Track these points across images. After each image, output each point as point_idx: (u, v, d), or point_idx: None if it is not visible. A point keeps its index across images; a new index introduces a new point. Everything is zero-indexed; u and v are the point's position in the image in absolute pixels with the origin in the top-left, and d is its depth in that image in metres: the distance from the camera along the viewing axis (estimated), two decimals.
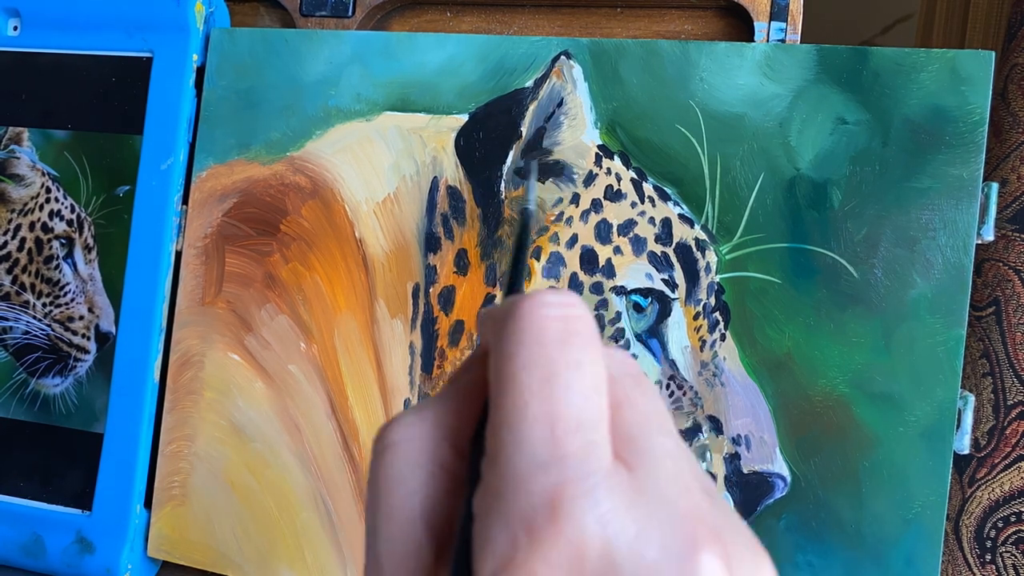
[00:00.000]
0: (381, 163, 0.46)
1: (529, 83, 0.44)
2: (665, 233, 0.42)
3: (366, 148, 0.46)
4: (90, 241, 0.49)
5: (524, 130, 0.44)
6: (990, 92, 0.39)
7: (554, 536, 0.16)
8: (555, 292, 0.19)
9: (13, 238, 0.50)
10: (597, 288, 0.42)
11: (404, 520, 0.18)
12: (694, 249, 0.42)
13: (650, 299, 0.42)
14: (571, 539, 0.16)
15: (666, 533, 0.16)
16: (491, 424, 0.18)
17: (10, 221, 0.50)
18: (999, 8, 0.64)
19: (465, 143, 0.45)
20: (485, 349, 0.20)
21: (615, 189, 0.43)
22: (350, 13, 0.50)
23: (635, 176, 0.43)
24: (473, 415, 0.20)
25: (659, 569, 0.16)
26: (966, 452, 0.38)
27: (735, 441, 0.40)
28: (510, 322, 0.18)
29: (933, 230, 0.39)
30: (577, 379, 0.17)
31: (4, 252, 0.50)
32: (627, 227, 0.42)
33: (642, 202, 0.42)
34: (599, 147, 0.43)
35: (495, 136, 0.44)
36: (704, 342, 0.41)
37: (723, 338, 0.41)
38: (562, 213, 0.43)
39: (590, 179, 0.43)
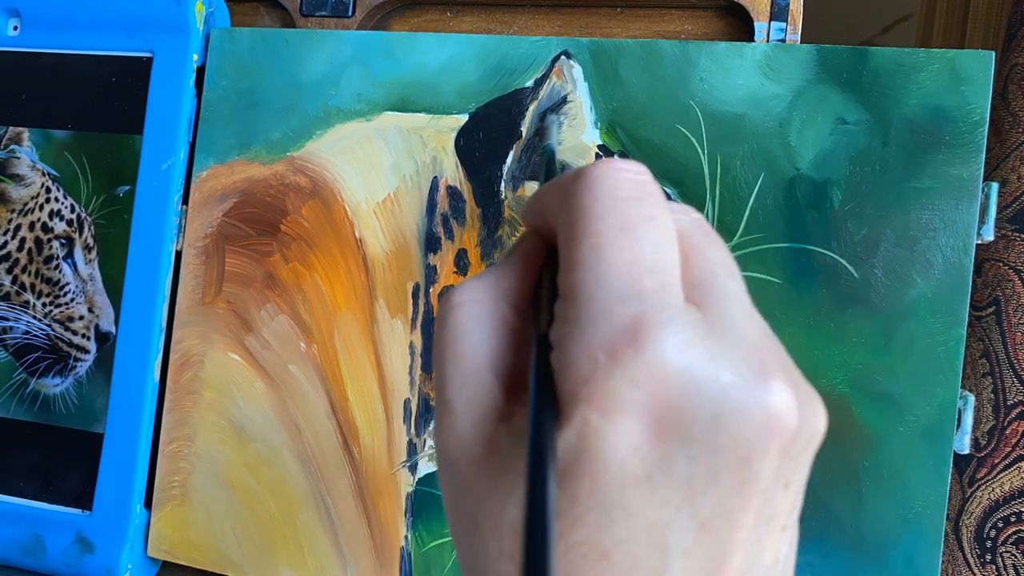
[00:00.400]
0: (381, 163, 0.46)
1: (529, 83, 0.44)
2: None
3: (366, 148, 0.46)
4: (90, 241, 0.49)
5: (524, 130, 0.44)
6: (990, 92, 0.39)
7: (634, 356, 0.17)
8: (620, 159, 0.20)
9: (13, 238, 0.50)
10: None
11: (473, 367, 0.20)
12: None
13: None
14: (650, 360, 0.17)
15: (738, 360, 0.17)
16: (566, 268, 0.19)
17: (10, 221, 0.50)
18: (999, 8, 0.64)
19: (465, 143, 0.45)
20: (534, 227, 0.22)
21: None
22: (350, 13, 0.50)
23: None
24: (528, 279, 0.21)
25: (732, 390, 0.17)
26: (966, 452, 0.38)
27: None
28: (584, 181, 0.19)
29: (933, 230, 0.39)
30: (651, 229, 0.18)
31: (4, 252, 0.50)
32: None
33: None
34: (599, 147, 0.43)
35: (495, 136, 0.44)
36: None
37: None
38: None
39: None
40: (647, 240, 0.18)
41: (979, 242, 0.39)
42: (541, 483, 0.16)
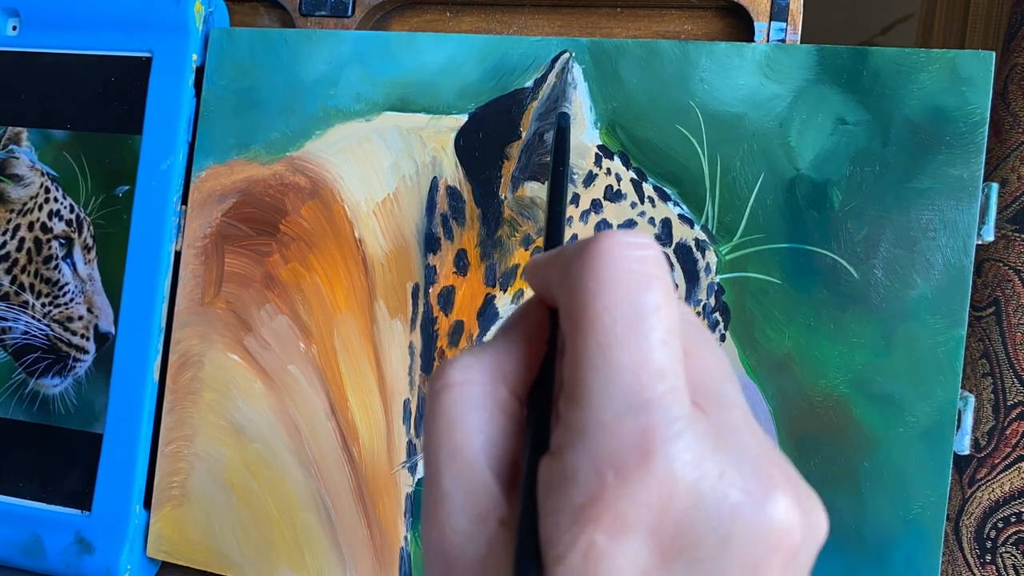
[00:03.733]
0: (381, 163, 0.46)
1: (529, 83, 0.44)
2: (665, 233, 0.42)
3: (366, 148, 0.46)
4: (89, 241, 0.49)
5: (524, 131, 0.44)
6: (990, 92, 0.39)
7: (644, 477, 0.16)
8: (628, 231, 0.19)
9: (12, 238, 0.50)
10: None
11: (469, 458, 0.19)
12: (694, 249, 0.42)
13: None
14: (661, 481, 0.16)
15: (746, 476, 0.17)
16: (571, 364, 0.18)
17: (9, 221, 0.50)
18: (999, 8, 0.64)
19: (465, 143, 0.45)
20: (540, 298, 0.21)
21: (615, 189, 0.43)
22: (350, 13, 0.50)
23: (635, 176, 0.42)
24: (530, 361, 0.20)
25: (742, 509, 0.17)
26: (966, 452, 0.38)
27: None
28: (587, 261, 0.18)
29: (933, 230, 0.39)
30: (659, 323, 0.18)
31: (3, 252, 0.50)
32: (627, 227, 0.42)
33: (642, 202, 0.42)
34: (599, 147, 0.43)
35: (495, 136, 0.44)
36: None
37: (723, 339, 0.41)
38: None
39: (590, 179, 0.43)
40: (656, 337, 0.17)
41: (979, 242, 0.39)
42: None
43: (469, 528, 0.18)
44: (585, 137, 0.43)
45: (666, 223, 0.42)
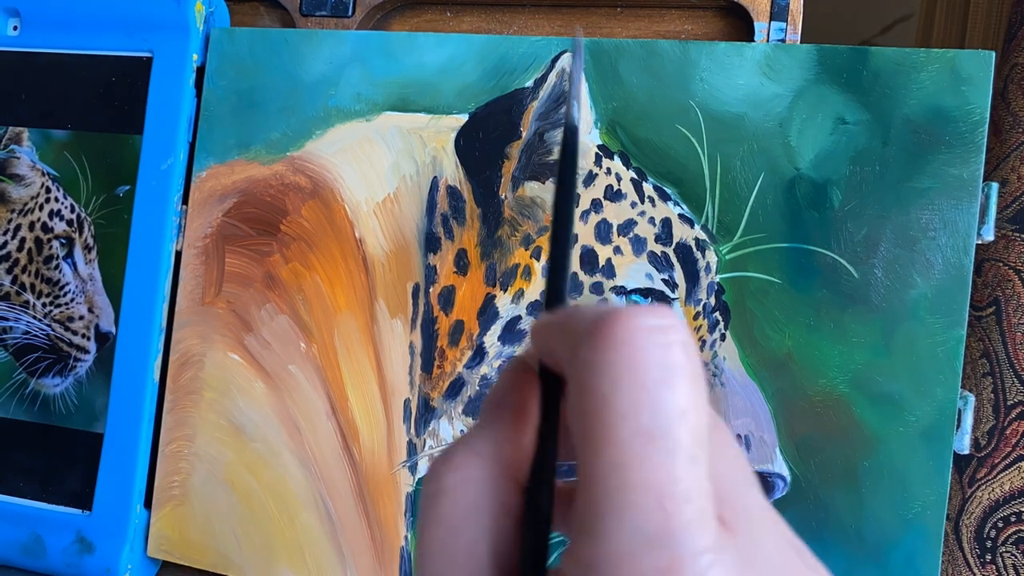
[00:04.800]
0: (381, 163, 0.46)
1: (529, 83, 0.44)
2: (665, 233, 0.42)
3: (366, 148, 0.46)
4: (90, 241, 0.49)
5: (524, 131, 0.44)
6: (990, 92, 0.39)
7: None
8: (650, 309, 0.16)
9: (13, 238, 0.50)
10: (597, 288, 0.42)
11: (472, 570, 0.16)
12: (694, 249, 0.42)
13: (650, 299, 0.42)
14: None
15: None
16: (584, 486, 0.15)
17: (10, 221, 0.50)
18: (999, 8, 0.64)
19: (465, 143, 0.45)
20: (536, 360, 0.18)
21: (615, 189, 0.43)
22: (350, 13, 0.50)
23: (635, 176, 0.43)
24: (529, 441, 0.17)
25: None
26: (966, 452, 0.38)
27: None
28: (600, 354, 0.15)
29: (933, 230, 0.39)
30: (686, 434, 0.15)
31: (4, 252, 0.50)
32: (627, 227, 0.42)
33: (642, 202, 0.42)
34: (599, 147, 0.43)
35: (495, 136, 0.44)
36: (704, 342, 0.41)
37: (723, 338, 0.41)
38: None
39: (590, 179, 0.43)
40: (682, 454, 0.15)
41: (979, 242, 0.39)
42: None
43: None
44: (585, 137, 0.43)
45: (666, 223, 0.42)
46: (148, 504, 0.47)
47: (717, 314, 0.41)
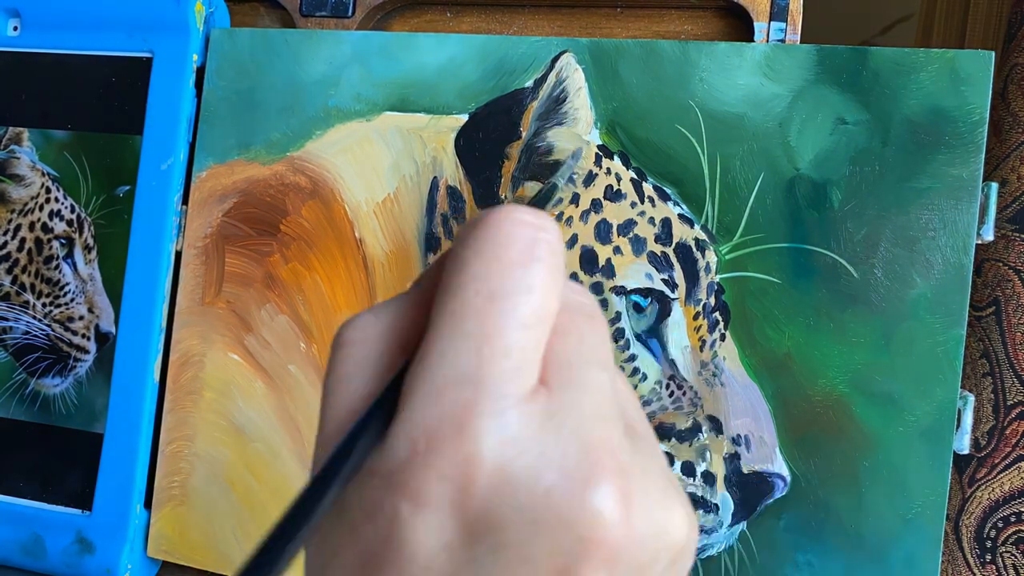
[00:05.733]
0: (381, 163, 0.46)
1: (529, 83, 0.44)
2: (665, 233, 0.42)
3: (366, 148, 0.46)
4: (90, 241, 0.49)
5: (524, 131, 0.44)
6: (990, 92, 0.39)
7: (452, 450, 0.16)
8: (531, 209, 0.18)
9: (13, 238, 0.50)
10: (597, 288, 0.42)
11: (343, 419, 0.18)
12: (694, 249, 0.42)
13: (650, 299, 0.42)
14: (468, 455, 0.15)
15: (568, 460, 0.16)
16: (428, 326, 0.17)
17: (10, 221, 0.50)
18: (999, 8, 0.64)
19: (465, 143, 0.45)
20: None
21: (615, 189, 0.43)
22: (350, 13, 0.50)
23: (635, 176, 0.43)
24: (424, 320, 0.18)
25: (554, 493, 0.15)
26: (966, 452, 0.38)
27: (735, 441, 0.40)
28: (476, 230, 0.17)
29: (933, 230, 0.39)
30: (523, 304, 0.17)
31: (4, 252, 0.50)
32: (627, 227, 0.42)
33: (642, 202, 0.42)
34: (599, 147, 0.43)
35: (495, 136, 0.44)
36: (704, 342, 0.41)
37: (723, 338, 0.41)
38: (561, 213, 0.43)
39: (590, 179, 0.43)
40: (514, 317, 0.16)
41: (979, 242, 0.39)
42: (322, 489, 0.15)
43: None
44: (586, 137, 0.43)
45: (666, 223, 0.42)
46: (148, 504, 0.47)
47: (717, 314, 0.41)
